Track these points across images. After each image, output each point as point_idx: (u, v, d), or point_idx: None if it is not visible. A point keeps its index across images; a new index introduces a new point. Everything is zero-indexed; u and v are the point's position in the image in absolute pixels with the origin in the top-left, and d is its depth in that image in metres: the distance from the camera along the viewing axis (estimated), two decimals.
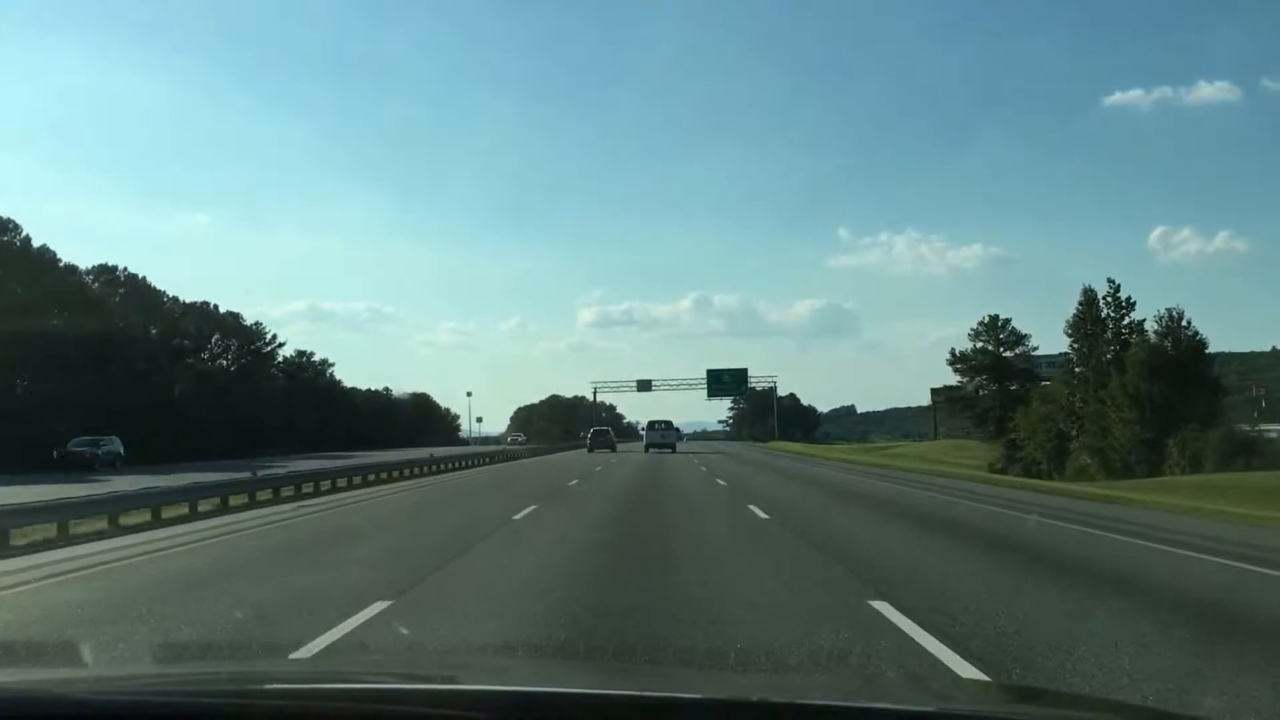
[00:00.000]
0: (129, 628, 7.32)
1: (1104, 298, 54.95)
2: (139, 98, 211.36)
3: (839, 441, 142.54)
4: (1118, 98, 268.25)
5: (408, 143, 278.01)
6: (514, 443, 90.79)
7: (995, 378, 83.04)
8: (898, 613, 7.64)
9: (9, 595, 9.39)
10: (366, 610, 7.78)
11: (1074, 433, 55.57)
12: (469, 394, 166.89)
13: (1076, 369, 57.04)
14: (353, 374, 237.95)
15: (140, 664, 6.06)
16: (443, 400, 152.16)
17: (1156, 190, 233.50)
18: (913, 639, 6.82)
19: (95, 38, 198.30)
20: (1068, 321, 56.19)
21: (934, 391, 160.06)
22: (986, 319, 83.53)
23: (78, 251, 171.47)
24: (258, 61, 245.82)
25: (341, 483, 26.86)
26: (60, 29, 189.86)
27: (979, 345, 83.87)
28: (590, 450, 62.48)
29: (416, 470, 32.66)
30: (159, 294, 73.05)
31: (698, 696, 2.60)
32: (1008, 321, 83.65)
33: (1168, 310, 51.61)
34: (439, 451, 42.87)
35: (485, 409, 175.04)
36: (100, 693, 2.45)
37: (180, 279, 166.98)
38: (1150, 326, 51.96)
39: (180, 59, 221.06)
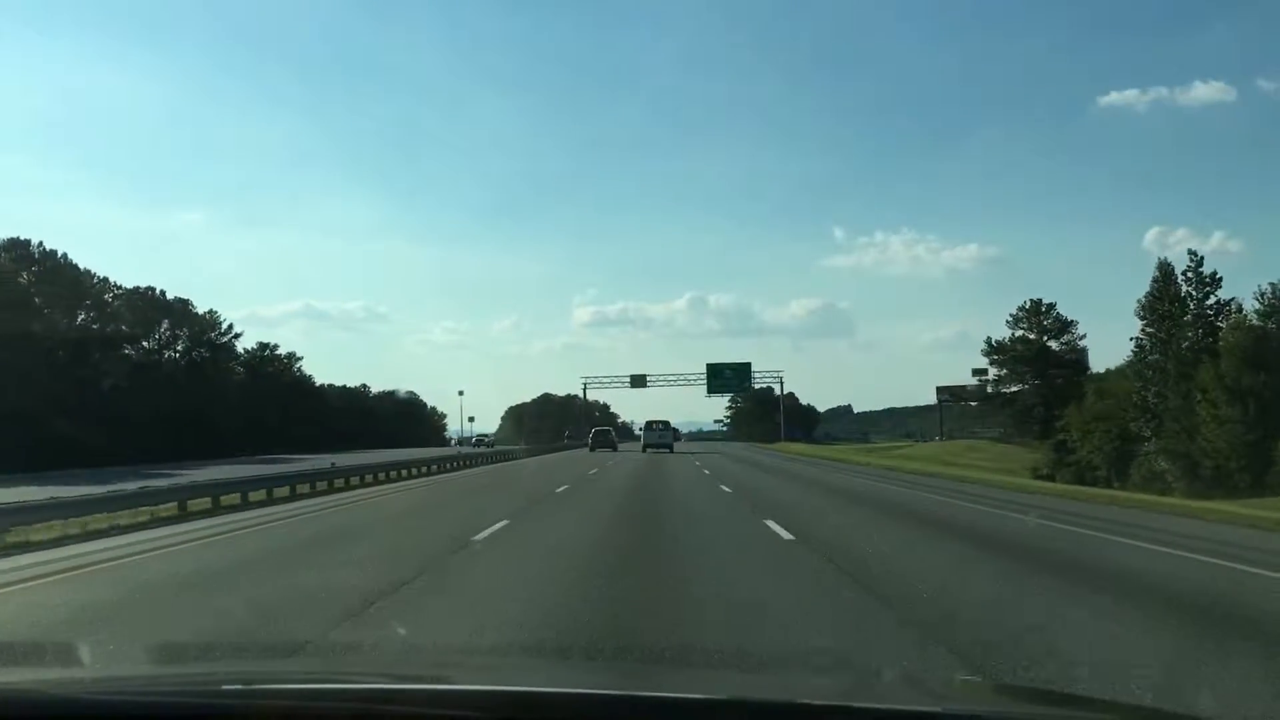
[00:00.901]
0: None
1: (1183, 273, 45.54)
2: (134, 96, 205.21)
3: (840, 442, 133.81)
4: (1113, 97, 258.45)
5: (403, 142, 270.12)
6: (479, 444, 77.72)
7: (1038, 370, 72.15)
8: None
9: None
10: None
11: (1147, 433, 46.04)
12: (460, 393, 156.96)
13: (1148, 358, 47.32)
14: (346, 374, 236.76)
15: (136, 665, 5.60)
16: (436, 400, 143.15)
17: (1152, 190, 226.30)
18: None
19: (91, 36, 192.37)
20: (1140, 302, 46.73)
21: (940, 390, 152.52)
22: (1028, 303, 72.94)
23: (71, 251, 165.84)
24: (254, 60, 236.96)
25: (169, 508, 17.38)
26: (55, 27, 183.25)
27: (1018, 333, 73.36)
28: (592, 450, 62.72)
29: (304, 489, 22.86)
30: (86, 275, 63.22)
31: (696, 696, 2.54)
32: (1052, 306, 72.81)
33: (1270, 285, 42.15)
34: (343, 460, 33.19)
35: (480, 408, 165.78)
36: (96, 693, 2.40)
37: (175, 278, 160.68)
38: (1250, 306, 42.47)
39: (176, 57, 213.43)
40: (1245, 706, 5.07)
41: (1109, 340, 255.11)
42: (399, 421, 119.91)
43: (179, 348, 75.61)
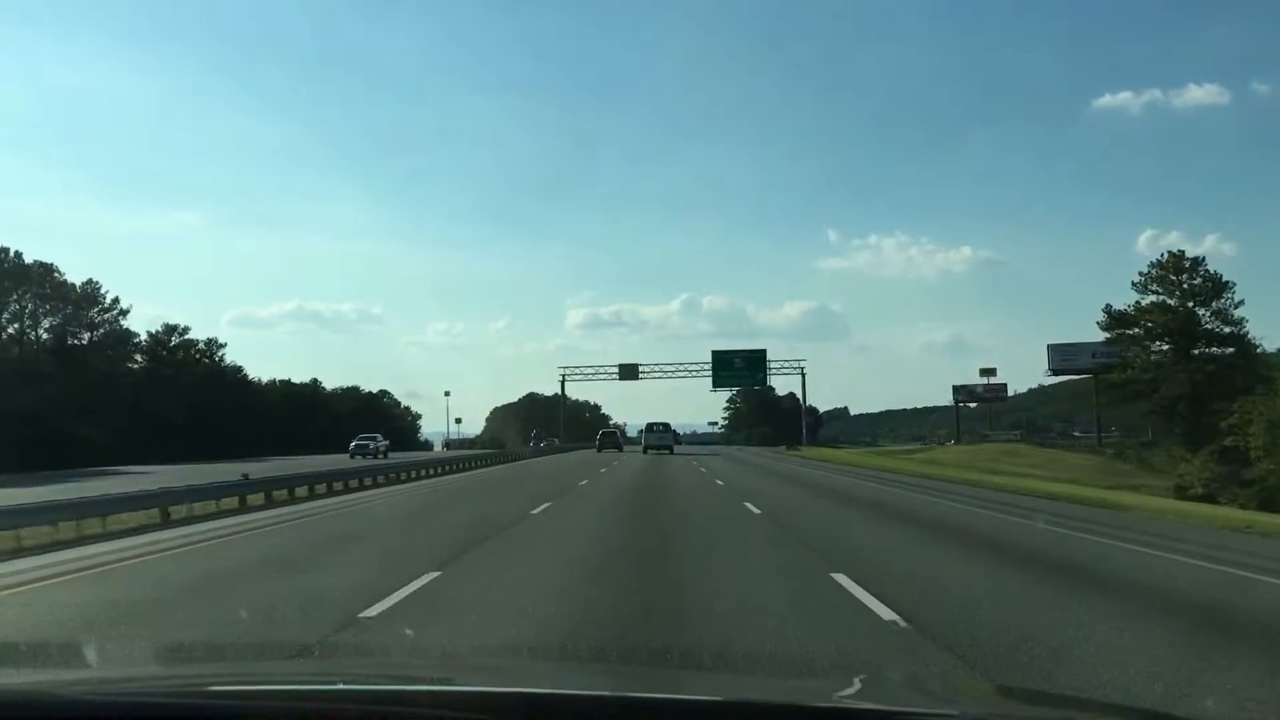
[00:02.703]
0: None
1: None
2: (125, 96, 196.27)
3: (843, 445, 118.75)
4: (1107, 100, 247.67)
5: (397, 142, 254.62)
6: (357, 452, 52.02)
7: (1182, 348, 51.04)
8: None
9: None
10: None
11: None
12: (446, 393, 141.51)
13: None
14: (335, 375, 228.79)
15: (141, 665, 5.47)
16: (424, 401, 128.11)
17: (1145, 193, 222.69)
18: None
19: (81, 35, 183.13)
20: None
21: (957, 389, 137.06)
22: (1166, 257, 51.95)
23: (58, 251, 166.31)
24: (245, 59, 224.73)
25: None
26: (45, 26, 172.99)
27: (1153, 298, 52.12)
28: (599, 450, 64.27)
29: None
30: None
31: (698, 698, 2.54)
32: (1199, 262, 51.66)
33: None
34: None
35: (470, 409, 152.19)
36: (98, 694, 2.34)
37: (165, 278, 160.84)
38: None
39: (167, 57, 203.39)
40: (1249, 709, 4.84)
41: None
42: (359, 421, 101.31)
43: (45, 326, 57.27)
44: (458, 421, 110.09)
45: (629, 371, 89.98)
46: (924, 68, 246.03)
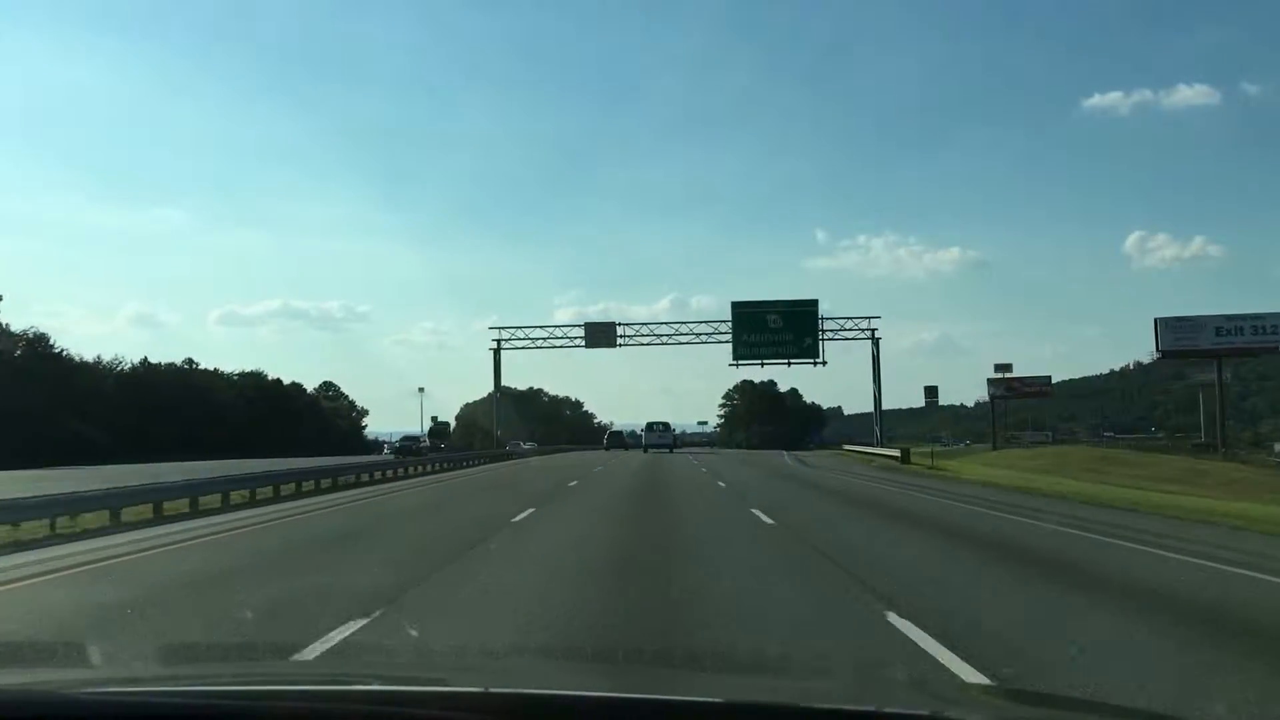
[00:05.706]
0: None
1: None
2: (110, 92, 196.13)
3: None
4: (1097, 100, 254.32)
5: (385, 141, 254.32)
6: None
7: None
8: None
9: None
10: None
11: None
12: (420, 389, 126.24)
13: None
14: (323, 373, 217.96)
15: (144, 666, 5.24)
16: (406, 399, 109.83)
17: (1134, 194, 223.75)
18: None
19: (68, 31, 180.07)
20: None
21: (992, 382, 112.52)
22: None
23: (45, 247, 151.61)
24: (231, 56, 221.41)
25: None
26: (32, 22, 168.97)
27: None
28: (607, 449, 63.47)
29: None
30: None
31: (699, 699, 2.51)
32: None
33: None
34: None
35: (452, 408, 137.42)
36: (102, 694, 2.31)
37: (153, 275, 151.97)
38: None
39: (151, 53, 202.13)
40: (1259, 712, 4.69)
41: (1097, 344, 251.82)
42: (252, 414, 75.60)
43: None
44: (433, 419, 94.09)
45: (601, 335, 59.19)
46: (914, 68, 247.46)
